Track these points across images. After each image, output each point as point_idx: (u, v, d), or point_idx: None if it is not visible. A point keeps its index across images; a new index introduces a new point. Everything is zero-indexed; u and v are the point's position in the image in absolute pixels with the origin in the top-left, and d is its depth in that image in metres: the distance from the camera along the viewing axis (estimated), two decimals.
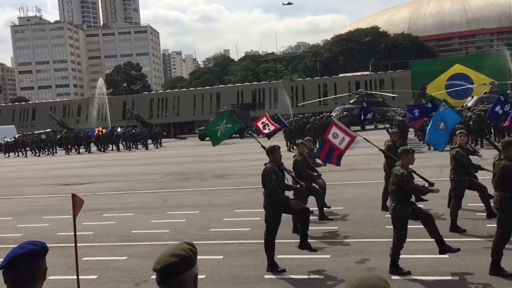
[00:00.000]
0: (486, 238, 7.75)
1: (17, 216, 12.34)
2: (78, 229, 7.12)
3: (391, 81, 56.62)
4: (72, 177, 20.74)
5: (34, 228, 10.86)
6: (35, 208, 13.50)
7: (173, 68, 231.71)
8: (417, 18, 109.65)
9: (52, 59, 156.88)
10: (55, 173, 23.20)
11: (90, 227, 10.13)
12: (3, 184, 19.91)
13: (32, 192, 16.77)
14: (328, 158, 9.09)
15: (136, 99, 65.99)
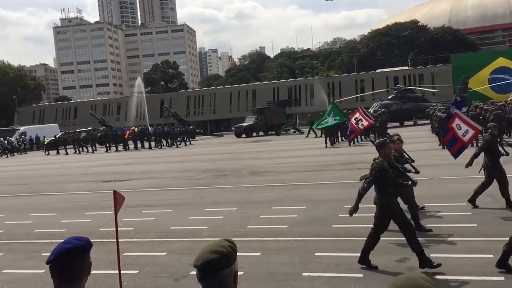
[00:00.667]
0: None
1: (61, 212, 12.73)
2: (119, 225, 7.29)
3: (431, 76, 55.28)
4: (112, 174, 21.24)
5: (77, 223, 11.18)
6: (78, 204, 13.89)
7: (209, 66, 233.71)
8: (458, 11, 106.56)
9: (92, 59, 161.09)
10: (96, 170, 23.81)
11: (130, 223, 10.34)
12: (47, 181, 20.58)
13: (75, 189, 17.27)
14: (451, 144, 9.08)
15: (174, 97, 66.94)
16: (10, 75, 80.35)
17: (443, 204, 10.07)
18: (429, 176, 13.76)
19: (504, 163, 10.17)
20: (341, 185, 13.62)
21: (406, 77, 56.33)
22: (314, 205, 11.11)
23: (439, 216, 9.18)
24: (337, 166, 17.84)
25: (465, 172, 14.14)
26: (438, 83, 49.88)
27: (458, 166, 15.75)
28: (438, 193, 11.38)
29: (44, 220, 11.82)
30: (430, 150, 20.75)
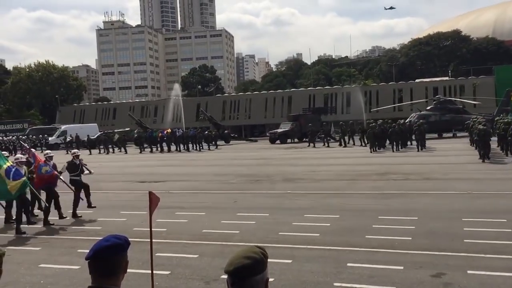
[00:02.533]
0: None
1: (97, 210, 13.02)
2: (152, 225, 7.39)
3: (472, 88, 53.81)
4: (148, 175, 21.58)
5: (112, 222, 11.41)
6: (114, 203, 14.19)
7: (246, 71, 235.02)
8: (503, 21, 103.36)
9: (132, 62, 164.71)
10: (131, 170, 24.26)
11: (164, 224, 10.46)
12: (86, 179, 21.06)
13: (111, 188, 17.64)
14: None
15: (210, 101, 67.56)
16: (54, 75, 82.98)
17: (482, 219, 9.75)
18: (468, 190, 13.40)
19: None
20: (376, 196, 13.41)
21: (447, 88, 55.02)
22: (348, 214, 10.98)
23: (477, 232, 8.88)
24: (372, 176, 17.58)
25: (506, 188, 13.72)
26: (480, 95, 48.49)
27: (498, 181, 15.33)
28: (477, 208, 11.04)
29: (80, 217, 12.11)
30: (469, 163, 20.19)
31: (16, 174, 10.27)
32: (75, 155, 12.98)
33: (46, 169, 11.66)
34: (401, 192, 13.78)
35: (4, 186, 10.17)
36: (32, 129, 59.52)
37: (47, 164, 11.82)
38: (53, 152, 14.09)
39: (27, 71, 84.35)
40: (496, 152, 23.10)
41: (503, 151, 22.75)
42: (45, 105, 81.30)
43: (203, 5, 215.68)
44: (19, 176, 10.36)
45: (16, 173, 10.31)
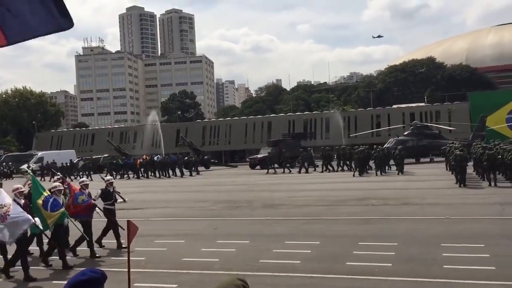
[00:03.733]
0: None
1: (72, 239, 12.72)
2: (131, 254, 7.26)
3: (447, 113, 55.00)
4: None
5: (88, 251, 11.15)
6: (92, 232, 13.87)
7: (226, 97, 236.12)
8: (476, 49, 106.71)
9: (112, 87, 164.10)
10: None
11: (142, 253, 10.29)
12: None
13: None
14: None
15: (190, 126, 67.49)
16: (31, 101, 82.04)
17: (460, 244, 9.85)
18: (445, 215, 13.56)
19: None
20: (355, 221, 13.47)
21: (423, 114, 56.12)
22: (328, 240, 10.97)
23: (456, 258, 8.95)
24: (352, 201, 17.67)
25: (483, 212, 13.93)
26: (455, 120, 49.55)
27: (475, 205, 15.55)
28: (455, 233, 11.15)
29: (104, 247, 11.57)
30: (446, 188, 20.48)
31: (54, 205, 9.52)
32: (109, 182, 11.90)
33: (83, 198, 10.72)
34: (381, 218, 13.86)
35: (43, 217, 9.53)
36: (8, 155, 58.39)
37: (83, 193, 10.89)
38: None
39: (3, 97, 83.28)
40: (472, 177, 23.50)
41: (479, 176, 23.16)
42: (21, 131, 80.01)
43: (183, 31, 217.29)
44: (58, 207, 9.59)
45: (54, 204, 9.56)
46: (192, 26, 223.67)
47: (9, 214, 8.73)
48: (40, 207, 9.47)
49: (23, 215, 8.90)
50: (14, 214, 8.76)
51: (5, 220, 8.66)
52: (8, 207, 8.79)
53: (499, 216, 13.25)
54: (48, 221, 9.49)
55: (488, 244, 9.68)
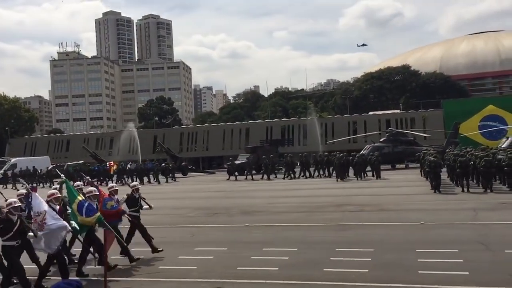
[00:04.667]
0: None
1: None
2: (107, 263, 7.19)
3: (422, 120, 55.97)
4: None
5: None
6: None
7: (204, 103, 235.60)
8: (449, 58, 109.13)
9: (87, 93, 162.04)
10: None
11: (119, 261, 10.17)
12: None
13: None
14: None
15: (167, 133, 67.03)
16: (4, 106, 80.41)
17: (435, 250, 10.02)
18: (421, 221, 13.77)
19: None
20: (333, 227, 13.56)
21: (398, 120, 56.97)
22: (306, 247, 11.03)
23: (431, 263, 9.10)
24: (329, 207, 17.80)
25: (457, 218, 14.21)
26: (429, 127, 50.45)
27: (449, 211, 15.84)
28: (430, 239, 11.34)
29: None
30: (421, 194, 20.82)
31: (89, 210, 9.22)
32: (135, 188, 11.39)
33: (112, 204, 10.29)
34: (357, 224, 14.00)
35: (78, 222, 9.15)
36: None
37: (112, 199, 10.45)
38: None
39: None
40: (447, 183, 23.94)
41: (453, 182, 23.60)
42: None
43: (160, 37, 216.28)
44: (93, 212, 9.25)
45: (89, 209, 9.25)
46: (170, 32, 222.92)
47: (45, 222, 8.30)
48: (76, 211, 9.15)
49: (59, 222, 8.50)
50: (50, 222, 8.33)
51: (43, 229, 8.21)
52: (44, 215, 8.37)
53: (472, 222, 13.52)
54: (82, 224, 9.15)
55: (462, 250, 9.87)
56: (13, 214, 8.19)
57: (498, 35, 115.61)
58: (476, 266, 8.63)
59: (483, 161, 20.68)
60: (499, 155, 22.10)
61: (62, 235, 8.54)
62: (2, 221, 8.14)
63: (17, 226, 8.12)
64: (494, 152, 23.60)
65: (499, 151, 24.13)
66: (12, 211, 8.20)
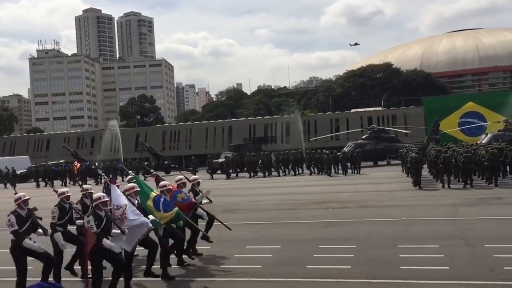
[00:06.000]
0: (504, 282, 7.54)
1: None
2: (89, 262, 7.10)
3: (403, 117, 56.57)
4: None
5: None
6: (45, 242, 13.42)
7: (186, 101, 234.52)
8: (430, 55, 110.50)
9: (68, 91, 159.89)
10: None
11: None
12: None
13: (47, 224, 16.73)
14: None
15: (149, 131, 66.61)
16: None
17: (416, 246, 10.12)
18: (402, 217, 13.90)
19: None
20: (315, 225, 13.61)
21: (380, 118, 57.49)
22: (289, 244, 11.04)
23: (412, 258, 9.19)
24: (312, 204, 17.85)
25: (438, 214, 14.38)
26: (410, 124, 51.04)
27: (430, 207, 16.02)
28: (411, 235, 11.45)
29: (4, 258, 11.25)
30: (403, 190, 21.01)
31: (166, 205, 8.72)
32: (195, 182, 10.76)
33: (182, 196, 9.73)
34: (340, 221, 14.07)
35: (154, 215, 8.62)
36: None
37: (181, 191, 9.91)
38: None
39: None
40: (428, 179, 24.21)
41: (434, 178, 23.88)
42: None
43: (142, 34, 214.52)
44: (170, 206, 8.76)
45: (166, 203, 8.77)
46: (152, 30, 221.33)
47: (126, 217, 7.84)
48: (152, 208, 8.61)
49: (141, 218, 8.00)
50: (132, 217, 7.88)
51: (123, 224, 7.74)
52: (125, 209, 7.90)
53: (453, 217, 13.70)
54: (162, 222, 8.64)
55: (442, 245, 9.99)
56: (101, 209, 7.52)
57: (477, 33, 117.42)
58: (456, 261, 8.74)
59: (462, 157, 20.96)
60: (480, 151, 22.40)
61: (142, 232, 8.00)
62: (97, 218, 7.42)
63: (104, 223, 7.45)
64: (475, 148, 23.95)
65: (479, 147, 24.50)
66: (101, 206, 7.53)
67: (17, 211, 7.81)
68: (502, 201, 16.28)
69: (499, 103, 48.04)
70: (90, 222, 7.32)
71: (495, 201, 16.45)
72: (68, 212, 8.90)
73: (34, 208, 8.13)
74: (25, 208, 7.89)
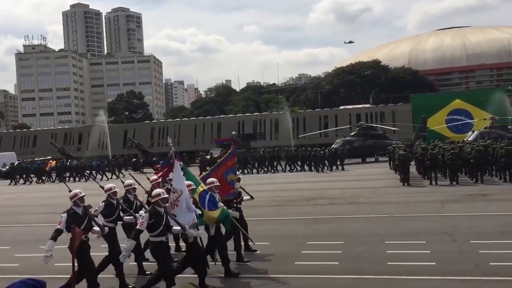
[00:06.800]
0: (489, 277, 7.64)
1: (14, 245, 12.21)
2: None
3: (391, 114, 56.87)
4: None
5: (31, 258, 10.72)
6: (33, 237, 13.36)
7: (175, 98, 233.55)
8: (418, 53, 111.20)
9: (55, 87, 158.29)
10: (54, 201, 23.06)
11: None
12: (1, 212, 19.78)
13: (30, 221, 16.64)
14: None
15: (138, 127, 66.24)
16: None
17: (403, 241, 10.21)
18: (390, 213, 14.01)
19: None
20: (304, 221, 13.66)
21: (368, 115, 57.74)
22: (277, 241, 11.08)
23: (399, 254, 9.27)
24: (300, 201, 17.92)
25: (425, 210, 14.51)
26: (398, 121, 51.32)
27: (417, 203, 16.16)
28: (398, 231, 11.55)
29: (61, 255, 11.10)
30: (391, 187, 21.16)
31: (212, 203, 8.17)
32: (214, 186, 10.61)
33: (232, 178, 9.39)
34: (328, 217, 14.14)
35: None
36: None
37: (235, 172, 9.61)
38: None
39: None
40: (415, 176, 24.41)
41: (421, 175, 24.07)
42: None
43: (130, 30, 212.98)
44: (216, 205, 8.21)
45: (212, 200, 8.20)
46: (140, 25, 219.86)
47: (177, 204, 7.63)
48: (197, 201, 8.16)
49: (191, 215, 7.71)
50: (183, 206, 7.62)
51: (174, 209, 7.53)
52: (179, 195, 7.66)
53: (439, 214, 13.84)
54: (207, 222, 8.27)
55: (429, 241, 10.09)
56: (160, 206, 7.24)
57: (464, 31, 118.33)
58: (442, 257, 8.83)
59: (449, 153, 21.15)
60: (466, 148, 22.61)
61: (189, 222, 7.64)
62: (153, 215, 7.12)
63: (165, 220, 7.17)
64: (461, 145, 24.17)
65: (466, 144, 24.72)
66: (160, 203, 7.23)
67: (72, 209, 7.54)
68: (487, 198, 16.48)
69: (485, 101, 48.47)
70: (144, 218, 7.09)
71: (480, 197, 16.64)
72: (116, 209, 8.54)
73: (89, 206, 7.85)
74: (81, 206, 7.58)
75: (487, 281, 7.49)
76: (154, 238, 7.22)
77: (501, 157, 20.66)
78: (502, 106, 48.47)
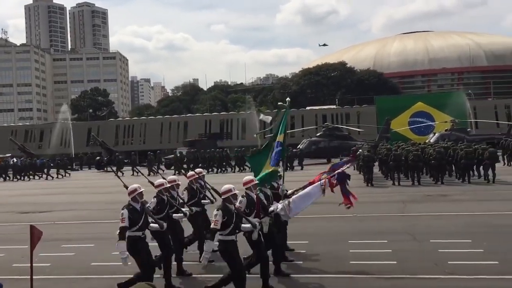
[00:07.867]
0: (447, 276, 7.85)
1: None
2: (34, 260, 6.85)
3: (356, 116, 57.78)
4: (31, 204, 20.03)
5: None
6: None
7: (141, 96, 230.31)
8: (382, 56, 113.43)
9: (16, 82, 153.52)
10: (12, 200, 22.40)
11: (48, 259, 9.74)
12: None
13: None
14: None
15: (102, 125, 64.97)
16: None
17: (366, 241, 10.39)
18: (353, 213, 14.20)
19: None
20: None
21: (334, 116, 58.49)
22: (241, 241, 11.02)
23: (362, 253, 9.42)
24: None
25: (388, 210, 14.80)
26: (363, 122, 52.18)
27: (381, 203, 16.47)
28: (362, 230, 11.73)
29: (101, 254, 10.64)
30: (354, 187, 21.39)
31: (275, 158, 8.86)
32: (197, 177, 9.97)
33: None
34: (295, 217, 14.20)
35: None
36: None
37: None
38: None
39: None
40: (378, 176, 24.86)
41: (385, 176, 24.54)
42: None
43: (95, 26, 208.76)
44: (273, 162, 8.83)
45: (275, 157, 8.88)
46: (106, 21, 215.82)
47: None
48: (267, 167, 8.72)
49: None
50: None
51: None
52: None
53: (401, 213, 14.14)
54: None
55: (391, 240, 10.30)
56: (231, 203, 7.00)
57: (427, 35, 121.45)
58: (403, 256, 9.03)
59: (412, 155, 21.65)
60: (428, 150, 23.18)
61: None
62: (226, 212, 6.83)
63: (235, 218, 6.93)
64: (423, 147, 24.78)
65: (427, 146, 25.35)
66: (231, 199, 7.00)
67: (131, 205, 7.35)
68: (447, 198, 16.95)
69: (446, 104, 49.86)
70: (218, 216, 6.78)
71: (441, 198, 17.11)
72: (167, 205, 8.35)
73: (145, 201, 7.62)
74: (139, 201, 7.40)
75: (446, 279, 7.70)
76: (225, 237, 6.91)
77: (461, 159, 21.31)
78: (462, 109, 50.01)
